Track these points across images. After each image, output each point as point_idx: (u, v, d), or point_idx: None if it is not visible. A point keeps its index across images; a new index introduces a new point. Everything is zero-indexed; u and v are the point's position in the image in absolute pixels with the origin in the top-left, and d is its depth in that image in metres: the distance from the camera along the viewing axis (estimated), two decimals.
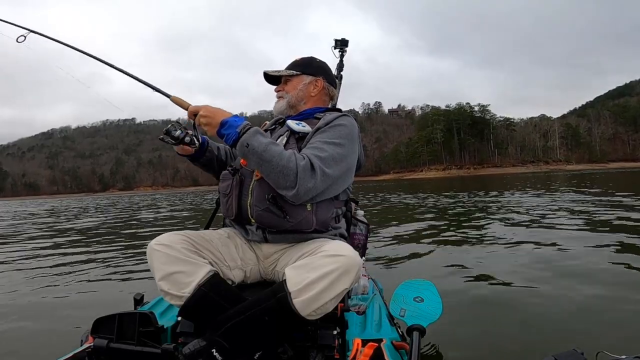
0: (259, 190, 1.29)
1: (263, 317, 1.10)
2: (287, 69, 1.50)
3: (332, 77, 1.57)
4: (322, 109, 1.49)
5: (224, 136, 1.20)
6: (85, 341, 1.30)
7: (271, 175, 1.18)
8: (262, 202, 1.28)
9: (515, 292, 2.46)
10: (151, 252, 1.19)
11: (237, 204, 1.34)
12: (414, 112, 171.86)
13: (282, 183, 1.17)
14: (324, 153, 1.23)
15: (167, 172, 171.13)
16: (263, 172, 1.20)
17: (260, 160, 1.16)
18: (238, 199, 1.34)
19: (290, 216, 1.26)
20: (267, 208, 1.27)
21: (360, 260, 1.15)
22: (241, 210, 1.34)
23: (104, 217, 11.88)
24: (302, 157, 1.19)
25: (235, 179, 1.35)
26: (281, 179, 1.16)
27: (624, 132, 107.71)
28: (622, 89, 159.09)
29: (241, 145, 1.17)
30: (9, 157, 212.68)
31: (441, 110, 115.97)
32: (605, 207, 6.74)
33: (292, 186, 1.17)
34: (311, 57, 1.55)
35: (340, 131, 1.32)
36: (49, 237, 7.04)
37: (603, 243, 3.74)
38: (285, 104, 1.47)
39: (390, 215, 7.92)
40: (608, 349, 1.12)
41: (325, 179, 1.21)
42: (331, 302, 1.09)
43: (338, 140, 1.29)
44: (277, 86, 1.53)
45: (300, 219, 1.27)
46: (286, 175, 1.16)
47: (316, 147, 1.26)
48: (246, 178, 1.34)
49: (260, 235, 1.35)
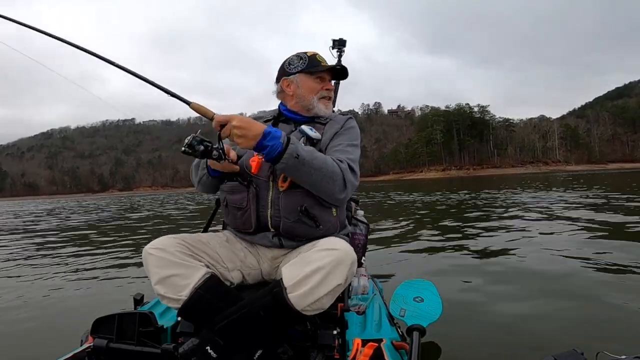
0: (287, 202, 1.27)
1: (258, 312, 1.09)
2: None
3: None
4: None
5: (267, 148, 1.11)
6: (85, 341, 1.30)
7: (322, 182, 1.18)
8: (292, 213, 1.27)
9: (516, 292, 2.46)
10: (146, 257, 1.19)
11: (256, 217, 1.32)
12: (414, 112, 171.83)
13: (331, 188, 1.19)
14: (352, 155, 1.28)
15: (167, 173, 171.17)
16: (312, 181, 1.17)
17: (312, 169, 1.15)
18: (257, 211, 1.32)
19: (322, 225, 1.28)
20: (299, 219, 1.27)
21: (354, 254, 1.14)
22: (260, 222, 1.32)
23: (103, 216, 11.87)
24: (340, 161, 1.22)
25: (251, 191, 1.31)
26: (331, 185, 1.18)
27: (622, 133, 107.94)
28: (622, 89, 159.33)
29: (290, 157, 1.11)
30: (8, 157, 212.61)
31: (441, 111, 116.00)
32: (605, 207, 6.75)
33: (341, 190, 1.20)
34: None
35: (355, 133, 1.40)
36: (49, 236, 7.04)
37: (603, 243, 3.75)
38: (331, 106, 1.46)
39: (391, 215, 7.92)
40: (608, 349, 1.12)
41: (358, 179, 1.27)
42: (327, 297, 1.09)
43: (356, 142, 1.36)
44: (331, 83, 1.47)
45: (329, 225, 1.31)
46: (335, 180, 1.18)
47: (342, 150, 1.29)
48: (262, 189, 1.31)
49: (276, 242, 1.33)
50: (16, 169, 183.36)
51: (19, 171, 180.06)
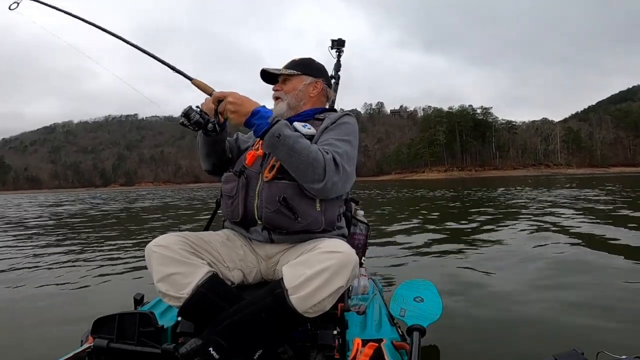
0: (268, 192, 1.28)
1: (260, 314, 1.09)
2: (286, 68, 1.49)
3: (330, 80, 1.59)
4: (320, 110, 1.50)
5: (254, 125, 1.18)
6: (85, 341, 1.30)
7: (300, 167, 1.17)
8: (272, 203, 1.27)
9: (516, 291, 2.46)
10: (149, 254, 1.19)
11: (244, 206, 1.33)
12: (416, 113, 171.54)
13: (310, 176, 1.18)
14: (340, 149, 1.25)
15: (169, 169, 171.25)
16: (291, 165, 1.19)
17: (291, 151, 1.16)
18: (244, 200, 1.33)
19: (301, 217, 1.26)
20: (278, 209, 1.26)
21: (356, 257, 1.14)
22: (247, 212, 1.33)
23: (104, 214, 11.89)
24: (326, 152, 1.20)
25: (241, 180, 1.34)
26: (310, 172, 1.17)
27: (625, 137, 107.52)
28: (625, 93, 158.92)
29: (272, 135, 1.16)
30: (11, 150, 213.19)
31: (444, 112, 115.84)
32: (606, 206, 6.73)
33: (320, 179, 1.18)
34: (310, 58, 1.55)
35: (347, 129, 1.35)
36: (49, 236, 7.05)
37: (603, 243, 3.76)
38: (286, 106, 1.45)
39: (391, 214, 7.92)
40: (608, 349, 1.12)
41: (344, 175, 1.23)
42: (328, 299, 1.09)
43: (348, 138, 1.32)
44: (274, 85, 1.51)
45: (311, 219, 1.27)
46: (315, 168, 1.17)
47: (330, 143, 1.26)
48: (252, 180, 1.33)
49: (266, 236, 1.34)
50: (19, 162, 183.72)
51: (22, 165, 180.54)
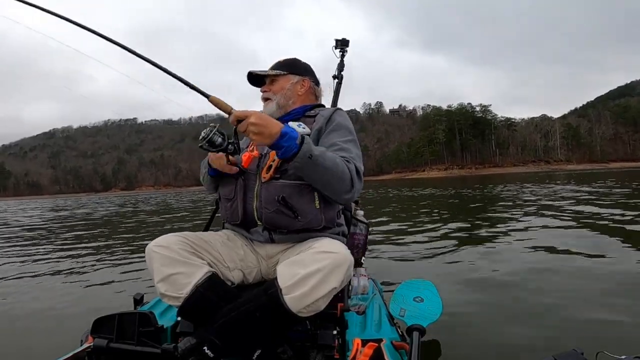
0: (267, 192, 1.29)
1: (255, 313, 1.09)
2: (272, 69, 1.50)
3: (316, 78, 1.59)
4: (310, 107, 1.51)
5: (282, 148, 1.11)
6: (85, 341, 1.31)
7: (332, 182, 1.18)
8: (272, 203, 1.27)
9: (516, 291, 2.46)
10: (150, 254, 1.19)
11: (243, 208, 1.34)
12: (415, 112, 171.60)
13: (340, 188, 1.19)
14: (352, 153, 1.28)
15: (169, 172, 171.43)
16: (322, 181, 1.17)
17: (324, 169, 1.15)
18: (243, 202, 1.34)
19: (301, 215, 1.27)
20: (278, 209, 1.27)
21: (351, 257, 1.14)
22: (247, 213, 1.34)
23: (104, 215, 11.90)
24: (347, 161, 1.22)
25: (238, 182, 1.35)
26: (340, 185, 1.18)
27: (624, 132, 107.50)
28: (623, 89, 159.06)
29: (303, 157, 1.11)
30: (10, 156, 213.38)
31: (443, 111, 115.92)
32: (605, 207, 6.72)
33: (348, 190, 1.20)
34: (295, 58, 1.57)
35: (347, 127, 1.38)
36: (48, 236, 7.06)
37: (603, 244, 3.75)
38: (275, 106, 1.46)
39: (391, 214, 7.92)
40: (608, 349, 1.12)
41: (362, 181, 1.26)
42: (322, 299, 1.09)
43: (352, 137, 1.36)
44: (262, 87, 1.52)
45: (311, 217, 1.28)
46: (344, 180, 1.18)
47: (342, 148, 1.28)
48: (250, 181, 1.34)
49: (267, 236, 1.34)
50: (19, 168, 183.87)
51: (22, 171, 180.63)
